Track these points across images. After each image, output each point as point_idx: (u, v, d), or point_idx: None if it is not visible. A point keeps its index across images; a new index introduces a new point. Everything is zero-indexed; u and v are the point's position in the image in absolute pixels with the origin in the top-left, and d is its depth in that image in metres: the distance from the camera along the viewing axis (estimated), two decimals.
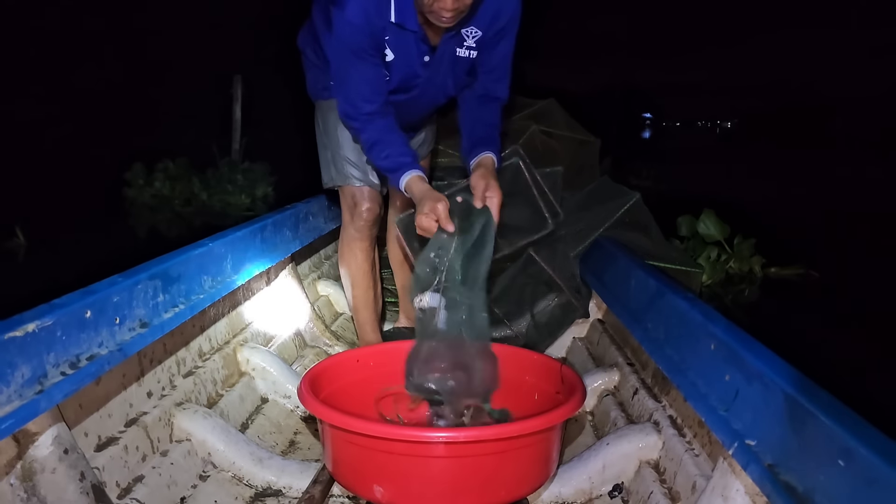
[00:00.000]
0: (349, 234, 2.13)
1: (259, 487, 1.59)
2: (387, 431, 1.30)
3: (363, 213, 2.08)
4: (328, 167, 2.12)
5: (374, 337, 2.23)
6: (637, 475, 1.55)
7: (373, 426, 1.33)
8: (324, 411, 1.36)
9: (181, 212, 7.76)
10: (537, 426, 1.33)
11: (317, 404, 1.38)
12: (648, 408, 1.71)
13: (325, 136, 2.11)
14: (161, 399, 1.58)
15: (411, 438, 1.29)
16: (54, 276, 3.60)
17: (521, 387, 1.70)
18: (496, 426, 1.42)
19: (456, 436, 1.30)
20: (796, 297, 3.78)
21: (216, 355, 1.86)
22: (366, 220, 2.09)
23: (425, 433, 1.33)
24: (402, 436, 1.29)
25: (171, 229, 6.79)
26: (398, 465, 1.33)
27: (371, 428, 1.31)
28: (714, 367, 1.22)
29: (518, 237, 2.21)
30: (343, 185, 2.09)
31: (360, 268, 2.15)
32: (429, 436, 1.30)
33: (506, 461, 1.34)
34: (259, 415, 1.88)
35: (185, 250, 1.62)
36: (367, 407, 1.70)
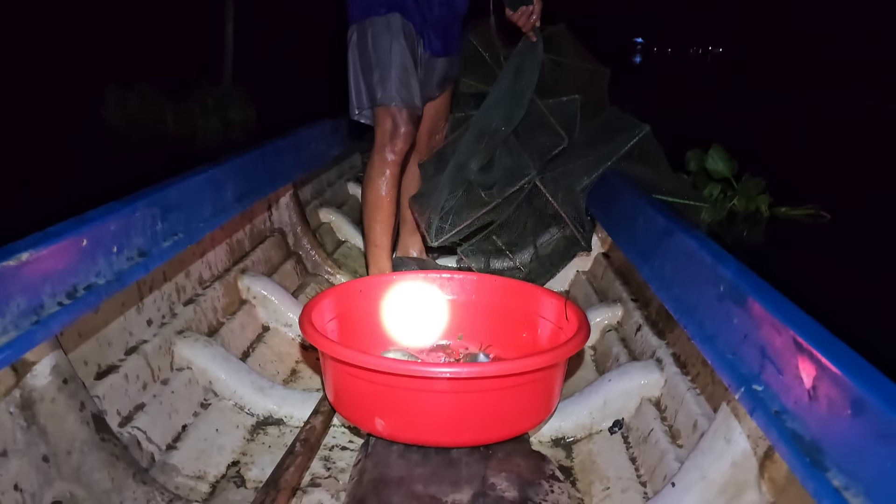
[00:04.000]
0: (382, 158, 2.12)
1: (260, 416, 1.60)
2: (389, 366, 1.29)
3: (402, 136, 2.09)
4: (372, 88, 2.10)
5: (388, 265, 2.22)
6: (638, 412, 1.55)
7: (375, 360, 1.32)
8: (326, 343, 1.34)
9: (157, 135, 7.36)
10: (540, 364, 1.32)
11: (318, 336, 1.36)
12: (651, 345, 1.70)
13: (373, 55, 2.09)
14: (161, 327, 1.57)
15: (414, 374, 1.28)
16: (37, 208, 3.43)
17: (525, 320, 1.69)
18: (499, 363, 1.41)
19: (459, 371, 1.29)
20: (801, 239, 3.62)
21: (217, 283, 1.85)
22: (404, 143, 2.10)
23: (428, 368, 1.32)
24: (405, 370, 1.28)
25: (154, 154, 6.36)
26: (400, 400, 1.33)
27: (373, 362, 1.30)
28: (722, 309, 1.20)
29: (535, 157, 2.20)
30: (388, 104, 2.07)
31: (389, 193, 2.14)
32: (431, 371, 1.29)
33: (508, 398, 1.34)
34: (260, 343, 1.88)
35: (185, 177, 1.58)
36: (370, 338, 1.70)
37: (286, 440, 1.53)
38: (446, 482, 1.28)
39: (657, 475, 1.35)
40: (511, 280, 1.78)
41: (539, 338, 1.65)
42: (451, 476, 1.29)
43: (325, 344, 1.34)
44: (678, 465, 1.31)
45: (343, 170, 3.39)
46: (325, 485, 1.40)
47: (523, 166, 2.22)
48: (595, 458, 1.50)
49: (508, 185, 2.23)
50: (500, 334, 1.73)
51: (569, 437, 1.59)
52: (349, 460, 1.49)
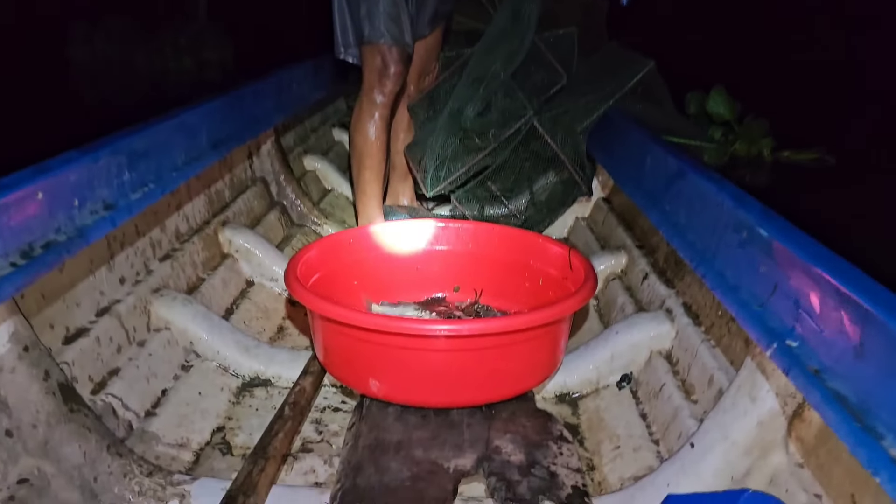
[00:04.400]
0: (371, 100, 1.98)
1: (246, 377, 1.50)
2: (383, 324, 1.18)
3: (392, 76, 1.95)
4: (359, 24, 1.94)
5: (378, 214, 2.10)
6: (647, 366, 1.47)
7: (367, 318, 1.22)
8: (313, 301, 1.24)
9: (125, 77, 6.85)
10: (546, 318, 1.22)
11: (305, 292, 1.25)
12: (660, 294, 1.60)
13: None
14: (135, 285, 1.46)
15: (410, 331, 1.18)
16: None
17: (526, 271, 1.58)
18: (501, 319, 1.30)
19: (459, 328, 1.18)
20: (805, 184, 3.46)
21: (195, 237, 1.73)
22: (394, 83, 1.97)
23: (425, 325, 1.22)
24: (400, 328, 1.18)
25: (122, 97, 5.85)
26: (395, 359, 1.23)
27: (365, 320, 1.20)
28: (747, 256, 1.10)
29: (532, 97, 2.07)
30: (376, 42, 1.92)
31: (379, 138, 2.01)
32: (429, 328, 1.19)
33: (511, 355, 1.24)
34: (244, 300, 1.77)
35: (155, 123, 1.45)
36: (361, 293, 1.59)
37: (274, 402, 1.44)
38: (448, 446, 1.19)
39: (671, 433, 1.27)
40: (510, 228, 1.67)
41: (542, 289, 1.55)
42: (453, 439, 1.20)
43: (312, 301, 1.23)
44: (694, 423, 1.23)
45: (328, 115, 3.23)
46: (318, 450, 1.31)
47: (520, 107, 2.09)
48: (603, 414, 1.42)
49: (505, 127, 2.10)
50: (499, 285, 1.63)
51: (574, 392, 1.50)
52: (342, 423, 1.40)
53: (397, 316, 1.48)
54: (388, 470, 1.12)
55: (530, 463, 1.15)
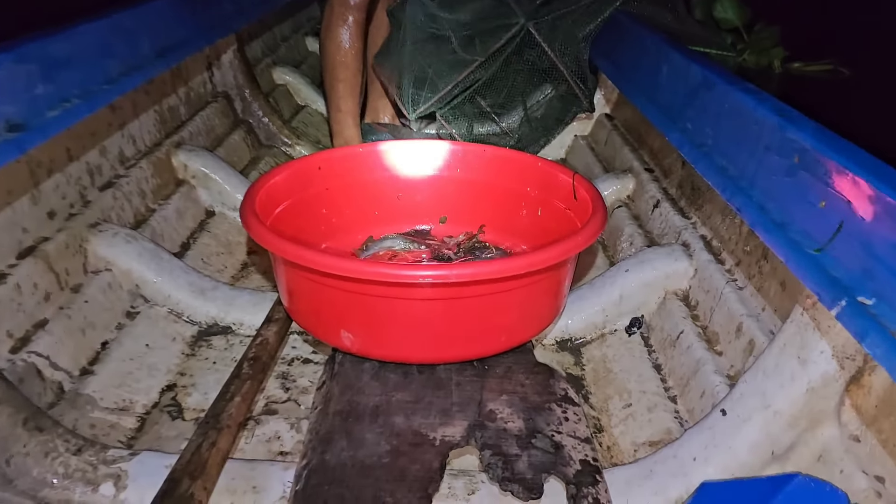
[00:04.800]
0: (343, 1, 1.72)
1: (203, 324, 1.31)
2: (355, 269, 0.98)
3: None
4: None
5: (355, 133, 1.87)
6: (661, 309, 1.29)
7: (336, 262, 1.02)
8: (272, 241, 1.03)
9: None
10: (547, 261, 1.02)
11: (262, 230, 1.04)
12: (674, 225, 1.41)
13: None
14: (69, 220, 1.24)
15: (390, 279, 0.98)
16: None
17: (522, 200, 1.38)
18: (496, 262, 1.10)
19: (446, 274, 0.98)
20: (818, 98, 3.21)
21: (143, 161, 1.50)
22: None
23: (405, 271, 1.02)
24: (379, 276, 0.98)
25: None
26: (370, 310, 1.03)
27: (335, 265, 0.99)
28: (798, 187, 0.90)
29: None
30: None
31: (353, 46, 1.76)
32: (411, 275, 0.99)
33: (507, 304, 1.05)
34: (202, 233, 1.56)
35: (77, 24, 1.20)
36: (333, 227, 1.39)
37: (235, 354, 1.25)
38: (433, 411, 1.01)
39: (692, 390, 1.10)
40: (504, 150, 1.45)
41: (541, 221, 1.35)
42: (440, 403, 1.03)
43: (271, 242, 1.03)
44: (719, 379, 1.05)
45: (299, 22, 2.94)
46: (284, 411, 1.14)
47: (510, 14, 1.83)
48: (611, 364, 1.24)
49: (493, 37, 1.85)
50: (492, 216, 1.42)
51: (577, 338, 1.32)
52: (312, 377, 1.22)
53: (372, 258, 1.28)
54: (363, 443, 0.95)
55: (530, 431, 0.98)
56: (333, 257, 0.98)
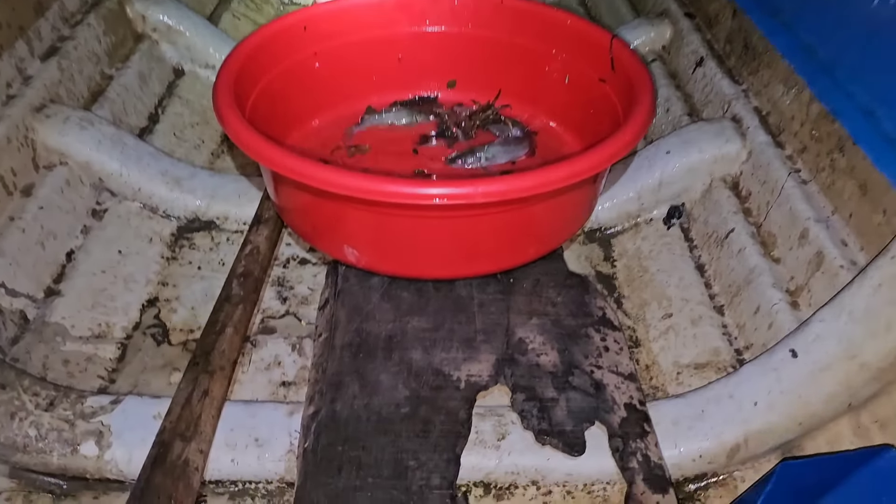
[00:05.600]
0: None
1: (182, 219, 1.15)
2: (364, 187, 0.80)
3: None
4: None
5: None
6: (706, 198, 1.13)
7: (337, 176, 0.83)
8: (259, 146, 0.84)
9: None
10: (588, 169, 0.85)
11: (244, 131, 0.85)
12: (721, 93, 1.21)
13: None
14: (7, 106, 1.04)
15: (401, 198, 0.80)
16: None
17: (546, 64, 1.17)
18: (527, 176, 0.92)
19: (470, 192, 0.81)
20: None
21: (91, 16, 1.25)
22: None
23: (418, 189, 0.84)
24: (390, 194, 0.80)
25: None
26: (379, 226, 0.87)
27: (338, 181, 0.81)
28: None
29: None
30: None
31: None
32: (425, 192, 0.82)
33: (540, 214, 0.89)
34: (173, 99, 1.35)
35: None
36: (324, 100, 1.18)
37: (223, 255, 1.10)
38: (455, 342, 0.89)
39: (743, 301, 0.98)
40: (525, 1, 1.21)
41: (569, 91, 1.15)
42: (462, 330, 0.90)
43: (258, 148, 0.84)
44: (778, 294, 0.93)
45: None
46: (282, 329, 1.01)
47: None
48: (647, 262, 1.11)
49: None
50: (509, 81, 1.22)
51: (608, 227, 1.18)
52: (312, 282, 1.08)
53: (382, 175, 1.09)
54: (378, 387, 0.83)
55: (567, 366, 0.86)
56: (332, 171, 0.80)
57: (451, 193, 0.78)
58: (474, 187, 0.78)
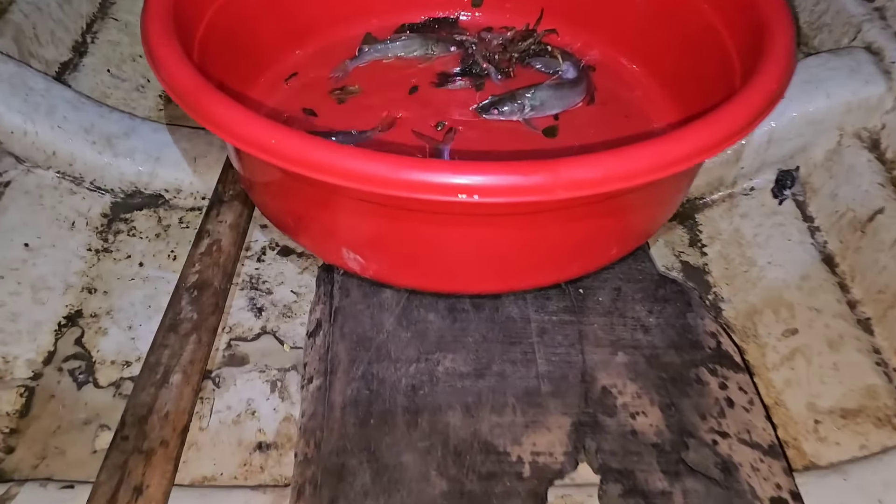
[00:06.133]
0: None
1: (118, 193, 0.84)
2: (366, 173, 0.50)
3: None
4: None
5: None
6: (833, 159, 0.83)
7: (329, 156, 0.52)
8: (216, 107, 0.53)
9: None
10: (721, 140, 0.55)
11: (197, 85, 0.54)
12: (846, 12, 0.89)
13: None
14: None
15: (419, 187, 0.50)
16: None
17: None
18: (638, 150, 0.60)
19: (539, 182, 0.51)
20: None
21: None
22: None
23: (446, 177, 0.52)
24: (408, 184, 0.50)
25: None
26: (396, 224, 0.58)
27: (324, 162, 0.51)
28: None
29: None
30: None
31: None
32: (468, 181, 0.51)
33: (629, 204, 0.60)
34: (106, 23, 1.01)
35: None
36: (304, 27, 0.87)
37: (175, 244, 0.80)
38: (509, 393, 0.60)
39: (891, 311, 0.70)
40: None
41: (644, 14, 0.83)
42: (518, 376, 0.62)
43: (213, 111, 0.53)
44: None
45: None
46: (257, 358, 0.72)
47: None
48: (750, 249, 0.81)
49: None
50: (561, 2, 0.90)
51: (692, 196, 0.88)
52: (296, 283, 0.78)
53: (382, 152, 0.78)
54: (400, 477, 0.55)
55: (677, 434, 0.58)
56: (305, 143, 0.51)
57: (512, 184, 0.49)
58: (552, 174, 0.49)
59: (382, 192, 0.49)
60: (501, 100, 0.82)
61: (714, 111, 0.54)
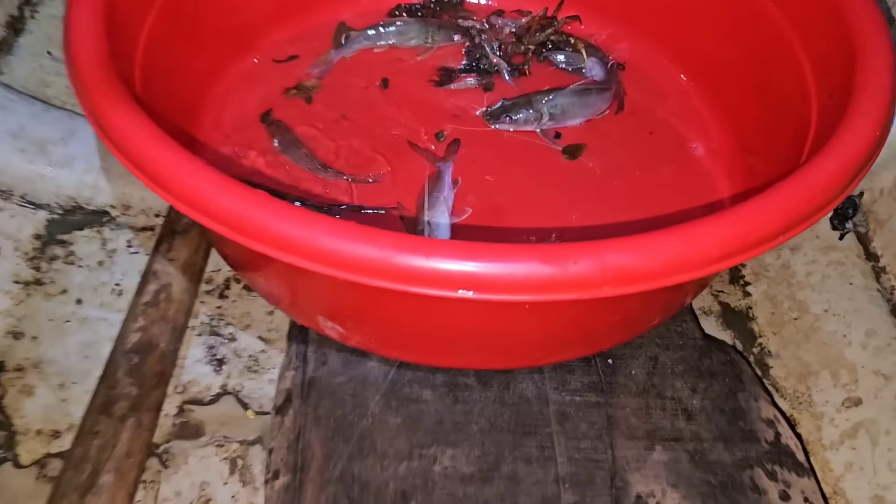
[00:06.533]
0: None
1: (55, 209, 0.71)
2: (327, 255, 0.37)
3: None
4: None
5: None
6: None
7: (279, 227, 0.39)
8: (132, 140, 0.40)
9: None
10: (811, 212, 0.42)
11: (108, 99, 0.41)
12: None
13: None
14: None
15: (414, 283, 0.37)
16: None
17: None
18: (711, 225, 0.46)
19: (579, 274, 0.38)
20: None
21: None
22: None
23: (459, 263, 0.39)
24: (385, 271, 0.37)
25: None
26: (382, 305, 0.45)
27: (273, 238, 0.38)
28: None
29: None
30: None
31: None
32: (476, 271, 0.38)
33: None
34: None
35: None
36: (268, 13, 0.72)
37: (122, 276, 0.67)
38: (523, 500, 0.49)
39: None
40: None
41: None
42: (533, 479, 0.50)
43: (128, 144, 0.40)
44: None
45: None
46: (214, 427, 0.59)
47: None
48: (802, 292, 0.69)
49: None
50: None
51: None
52: (266, 327, 0.65)
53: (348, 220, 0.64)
54: None
55: None
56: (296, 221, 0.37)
57: (539, 279, 0.37)
58: (597, 262, 0.37)
59: (366, 283, 0.37)
60: (515, 105, 0.68)
61: (796, 176, 0.42)
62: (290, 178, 0.62)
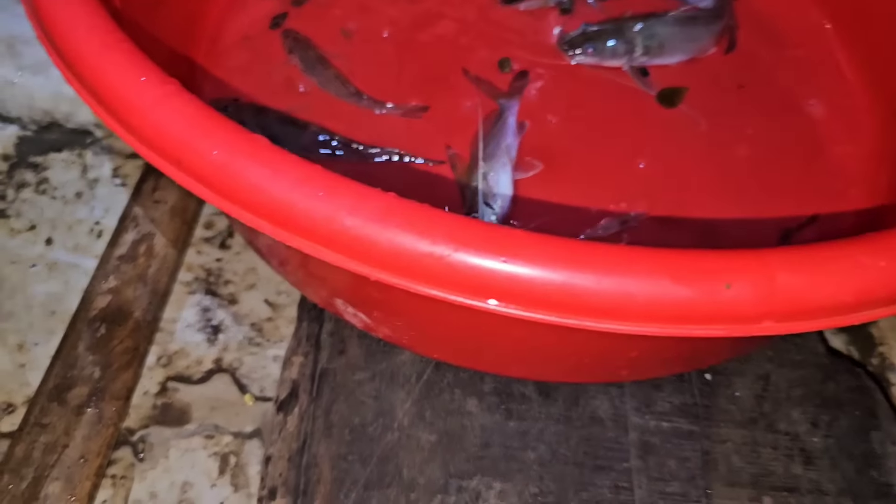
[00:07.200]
0: None
1: (28, 124, 0.58)
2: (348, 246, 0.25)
3: None
4: None
5: None
6: None
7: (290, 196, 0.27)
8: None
9: None
10: None
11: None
12: None
13: None
14: None
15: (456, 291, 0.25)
16: None
17: None
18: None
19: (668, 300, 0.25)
20: None
21: None
22: None
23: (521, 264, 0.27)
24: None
25: None
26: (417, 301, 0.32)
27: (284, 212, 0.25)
28: None
29: None
30: None
31: None
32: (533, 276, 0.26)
33: None
34: None
35: None
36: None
37: (104, 212, 0.55)
38: None
39: None
40: None
41: None
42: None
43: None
44: None
45: None
46: (202, 412, 0.48)
47: None
48: None
49: None
50: None
51: None
52: (274, 290, 0.54)
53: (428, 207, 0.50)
54: None
55: None
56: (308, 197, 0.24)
57: (670, 307, 0.23)
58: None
59: (411, 290, 0.24)
60: (600, 33, 0.54)
61: None
62: (310, 109, 0.49)
